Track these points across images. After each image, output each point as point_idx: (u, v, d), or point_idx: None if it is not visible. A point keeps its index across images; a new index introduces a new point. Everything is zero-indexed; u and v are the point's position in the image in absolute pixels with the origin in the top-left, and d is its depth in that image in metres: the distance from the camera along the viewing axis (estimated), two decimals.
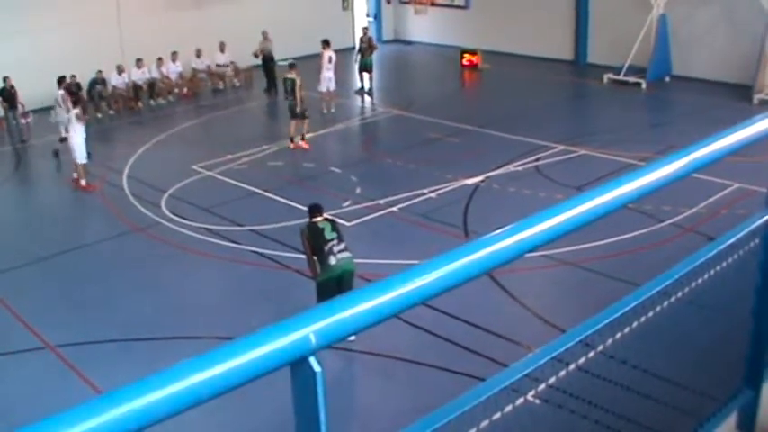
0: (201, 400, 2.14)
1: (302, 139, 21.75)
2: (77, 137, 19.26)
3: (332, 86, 24.91)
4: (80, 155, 19.25)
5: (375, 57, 28.20)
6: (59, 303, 13.94)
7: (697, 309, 4.13)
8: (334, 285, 11.29)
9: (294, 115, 21.62)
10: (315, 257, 11.65)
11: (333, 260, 11.47)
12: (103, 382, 10.85)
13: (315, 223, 11.83)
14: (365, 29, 29.08)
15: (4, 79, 23.56)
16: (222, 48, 28.96)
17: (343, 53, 29.30)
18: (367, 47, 27.42)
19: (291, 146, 21.65)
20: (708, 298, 4.13)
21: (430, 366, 11.15)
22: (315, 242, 11.62)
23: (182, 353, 9.66)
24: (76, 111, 19.53)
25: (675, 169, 3.45)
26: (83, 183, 19.34)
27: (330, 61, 24.79)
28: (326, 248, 11.52)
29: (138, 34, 27.65)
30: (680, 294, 3.88)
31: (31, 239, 16.59)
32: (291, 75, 21.68)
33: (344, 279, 11.53)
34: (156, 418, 2.06)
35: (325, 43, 25.00)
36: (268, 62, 28.04)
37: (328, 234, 11.63)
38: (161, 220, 16.92)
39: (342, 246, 11.62)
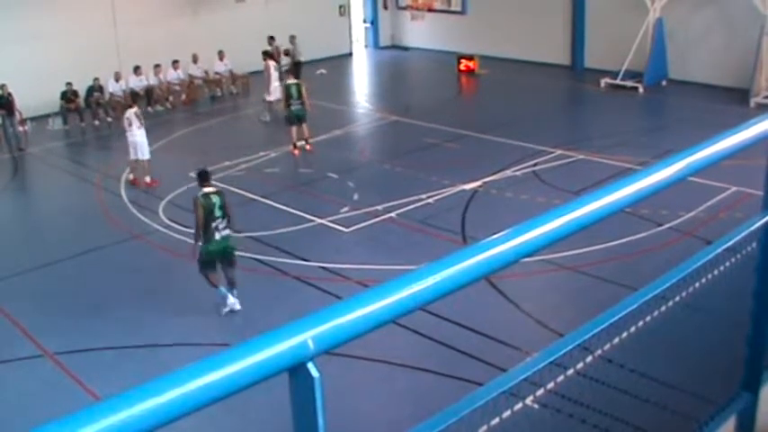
0: (200, 405, 2.14)
1: (307, 142, 21.87)
2: (141, 135, 19.58)
3: (272, 96, 25.42)
4: (146, 151, 19.66)
5: (300, 64, 28.29)
6: (58, 311, 13.92)
7: (695, 312, 4.14)
8: (216, 259, 12.97)
9: (295, 121, 21.61)
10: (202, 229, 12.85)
11: (217, 236, 12.80)
12: (102, 389, 10.84)
13: (208, 195, 12.85)
14: (291, 38, 28.78)
15: (2, 87, 23.54)
16: (221, 56, 28.95)
17: (339, 59, 29.32)
18: (291, 67, 26.99)
19: (296, 152, 21.71)
20: (706, 301, 4.14)
21: (428, 371, 11.15)
22: (205, 216, 12.72)
23: (180, 359, 9.61)
24: (135, 109, 19.91)
25: (673, 173, 3.46)
26: (147, 179, 19.67)
27: (276, 70, 25.65)
28: (213, 225, 12.74)
29: (135, 41, 27.66)
30: (678, 298, 3.89)
31: (28, 247, 16.58)
32: (292, 80, 21.96)
33: (226, 255, 13.03)
34: (155, 424, 2.06)
35: (267, 54, 25.94)
36: (296, 66, 28.09)
37: (217, 212, 12.78)
38: (159, 227, 16.91)
39: (225, 223, 12.87)
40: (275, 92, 24.95)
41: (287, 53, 28.19)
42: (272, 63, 25.75)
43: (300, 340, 2.29)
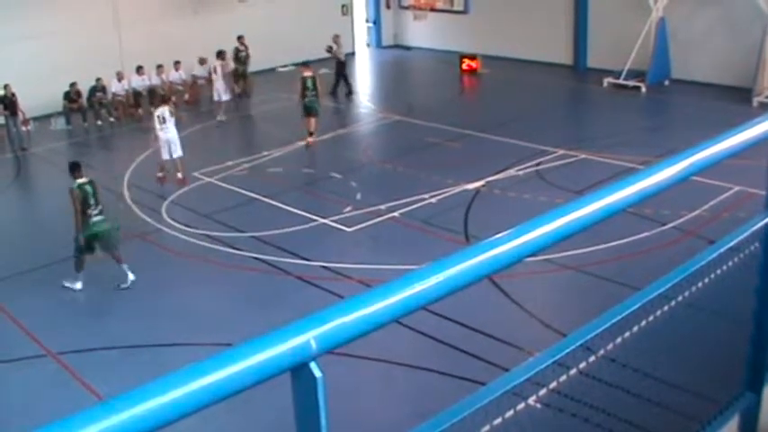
0: (203, 405, 2.14)
1: (310, 134, 22.10)
2: (172, 132, 19.50)
3: (224, 97, 26.05)
4: (179, 148, 19.57)
5: (346, 64, 28.88)
6: (60, 310, 13.95)
7: (698, 312, 4.13)
8: (95, 243, 14.30)
9: (312, 112, 21.94)
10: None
11: (92, 221, 14.08)
12: (104, 388, 10.86)
13: (83, 186, 14.11)
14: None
15: (5, 87, 23.56)
16: (222, 56, 28.87)
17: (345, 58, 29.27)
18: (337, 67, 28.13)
19: (311, 141, 22.01)
20: (709, 301, 4.13)
21: (431, 371, 11.15)
22: (81, 204, 13.99)
23: (182, 359, 9.63)
24: (169, 107, 19.84)
25: (676, 172, 3.45)
26: (180, 176, 19.62)
27: (220, 70, 26.33)
28: (88, 212, 14.04)
29: (138, 41, 27.67)
30: (680, 298, 3.88)
31: (30, 246, 16.60)
32: (309, 73, 22.02)
33: (105, 237, 14.39)
34: (157, 424, 2.06)
35: (219, 54, 26.57)
36: (339, 66, 28.12)
37: (91, 199, 14.11)
38: (161, 227, 16.92)
39: (98, 210, 14.22)
40: (224, 92, 25.94)
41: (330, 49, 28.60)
42: (218, 63, 26.29)
43: (303, 340, 2.29)
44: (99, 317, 13.45)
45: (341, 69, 28.27)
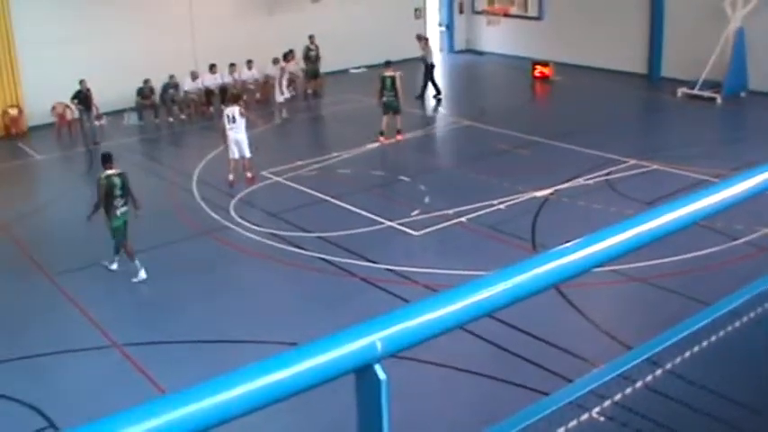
0: (266, 403, 2.16)
1: (398, 132, 22.82)
2: (241, 132, 19.72)
3: (278, 98, 26.68)
4: (246, 149, 19.77)
5: (432, 66, 28.90)
6: (128, 303, 14.20)
7: None
8: (121, 229, 14.82)
9: (391, 110, 22.63)
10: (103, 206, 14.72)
11: (117, 212, 14.65)
12: (168, 382, 11.01)
13: (110, 177, 14.68)
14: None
15: (81, 82, 24.03)
16: (292, 56, 29.11)
17: (414, 62, 29.33)
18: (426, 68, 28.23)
19: (384, 140, 22.57)
20: None
21: (493, 378, 11.09)
22: (108, 194, 14.59)
23: (247, 357, 9.74)
24: (239, 106, 20.02)
25: (750, 186, 3.39)
26: (249, 175, 19.86)
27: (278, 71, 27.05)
28: (114, 203, 14.59)
29: (211, 40, 28.07)
30: (752, 314, 3.81)
31: (100, 240, 16.87)
32: (390, 72, 22.73)
33: (122, 229, 14.85)
34: (221, 419, 2.08)
35: (285, 56, 27.32)
36: (428, 67, 28.25)
37: (117, 191, 14.67)
38: (229, 225, 17.10)
39: (123, 202, 14.76)
40: (280, 93, 26.23)
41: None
42: (283, 64, 26.84)
43: (369, 342, 2.30)
44: (165, 311, 13.63)
45: (429, 72, 28.25)
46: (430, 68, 28.29)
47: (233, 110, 19.67)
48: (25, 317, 13.56)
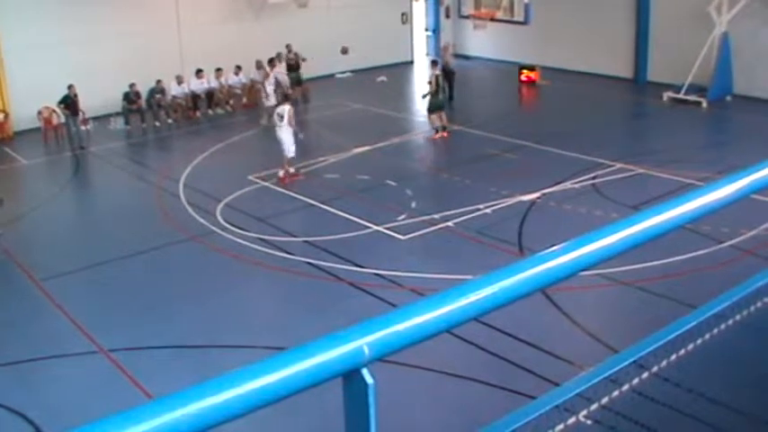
0: (254, 408, 2.16)
1: (445, 129, 23.91)
2: (283, 132, 19.99)
3: (265, 102, 26.34)
4: (286, 149, 20.04)
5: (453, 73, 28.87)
6: (114, 309, 14.14)
7: (755, 332, 4.07)
8: None
9: (439, 108, 23.71)
10: None
11: None
12: (154, 387, 10.97)
13: None
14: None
15: (69, 87, 23.97)
16: (279, 61, 29.10)
17: (400, 67, 29.36)
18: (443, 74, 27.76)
19: (442, 135, 23.70)
20: (765, 321, 4.07)
21: (480, 382, 11.10)
22: None
23: (235, 361, 9.69)
24: (289, 106, 20.37)
25: (735, 189, 3.41)
26: (288, 171, 20.10)
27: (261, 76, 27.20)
28: None
29: (198, 44, 28.05)
30: (738, 317, 3.83)
31: (86, 245, 16.85)
32: (437, 71, 24.16)
33: None
34: (207, 424, 2.08)
35: (270, 61, 27.14)
36: (448, 74, 28.22)
37: None
38: (216, 229, 17.07)
39: None
40: (271, 97, 25.86)
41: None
42: (268, 69, 26.71)
43: (356, 346, 2.30)
44: (152, 316, 13.59)
45: (450, 77, 28.26)
46: (450, 74, 28.27)
47: (282, 109, 20.23)
48: (11, 322, 13.49)
